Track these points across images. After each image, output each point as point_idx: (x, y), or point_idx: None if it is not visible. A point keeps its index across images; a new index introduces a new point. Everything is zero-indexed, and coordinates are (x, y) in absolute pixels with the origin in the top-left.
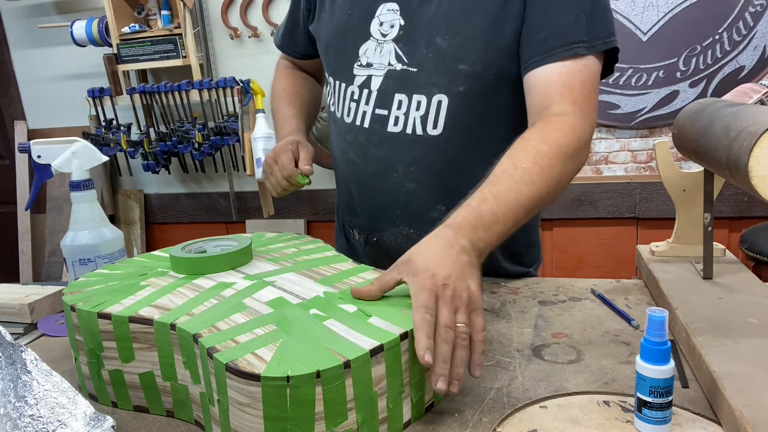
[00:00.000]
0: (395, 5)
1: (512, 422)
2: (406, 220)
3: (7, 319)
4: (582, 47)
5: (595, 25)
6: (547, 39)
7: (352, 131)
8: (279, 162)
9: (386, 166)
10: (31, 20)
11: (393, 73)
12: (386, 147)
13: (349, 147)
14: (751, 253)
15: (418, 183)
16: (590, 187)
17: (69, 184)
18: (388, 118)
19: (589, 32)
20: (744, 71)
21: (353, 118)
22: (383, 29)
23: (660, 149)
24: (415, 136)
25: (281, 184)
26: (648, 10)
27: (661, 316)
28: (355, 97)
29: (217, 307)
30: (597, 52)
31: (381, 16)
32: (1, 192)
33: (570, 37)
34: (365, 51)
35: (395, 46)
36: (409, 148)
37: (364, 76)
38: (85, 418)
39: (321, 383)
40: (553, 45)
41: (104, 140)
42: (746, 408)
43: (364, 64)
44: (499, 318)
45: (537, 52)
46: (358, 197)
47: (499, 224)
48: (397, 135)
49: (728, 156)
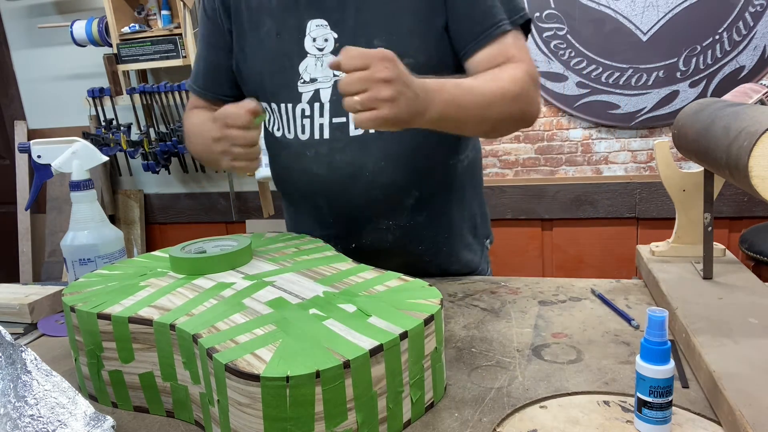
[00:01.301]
0: (322, 21)
1: (512, 422)
2: (384, 214)
3: (7, 319)
4: (506, 24)
5: (507, 3)
6: (475, 25)
7: (312, 146)
8: (228, 119)
9: (356, 169)
10: (31, 20)
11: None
12: (352, 150)
13: (311, 162)
14: (751, 253)
15: (389, 176)
16: (590, 187)
17: (69, 184)
18: (347, 124)
19: (508, 11)
20: (744, 71)
21: (310, 133)
22: (318, 44)
23: (660, 149)
24: (378, 132)
25: (244, 138)
26: (648, 10)
27: (661, 316)
28: (306, 114)
29: (216, 308)
30: (517, 26)
31: (311, 33)
32: (1, 192)
33: (493, 18)
34: (306, 68)
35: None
36: (376, 144)
37: (311, 91)
38: (85, 418)
39: (321, 383)
40: (482, 29)
41: (104, 140)
42: (746, 408)
43: (307, 80)
44: (499, 318)
45: (470, 39)
46: (329, 208)
47: (454, 107)
48: (361, 136)
49: (728, 156)
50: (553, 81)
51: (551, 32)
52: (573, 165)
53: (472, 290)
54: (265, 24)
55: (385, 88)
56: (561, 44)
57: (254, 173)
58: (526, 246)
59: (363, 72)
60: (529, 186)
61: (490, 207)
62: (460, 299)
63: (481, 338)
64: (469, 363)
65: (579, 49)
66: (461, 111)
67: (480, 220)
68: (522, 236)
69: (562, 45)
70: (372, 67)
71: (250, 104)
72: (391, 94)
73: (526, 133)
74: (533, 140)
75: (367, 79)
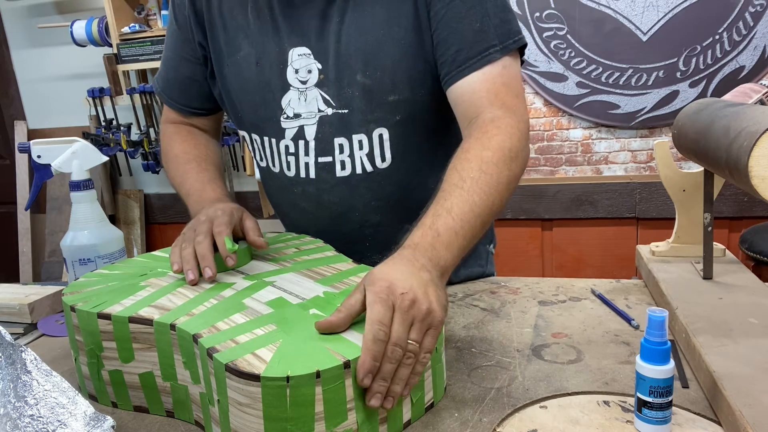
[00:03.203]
0: (305, 49)
1: (512, 422)
2: (375, 249)
3: (7, 319)
4: (495, 52)
5: (501, 26)
6: (459, 51)
7: (299, 183)
8: (215, 223)
9: (345, 209)
10: (31, 20)
11: (326, 119)
12: (340, 191)
13: (298, 198)
14: (751, 253)
15: (381, 214)
16: (590, 187)
17: (69, 184)
18: (334, 164)
19: (498, 35)
20: (744, 71)
21: (296, 171)
22: (300, 76)
23: (660, 149)
24: (367, 173)
25: (205, 252)
26: (648, 10)
27: (661, 316)
28: (291, 151)
29: (216, 308)
30: (510, 51)
31: (294, 63)
32: (1, 192)
33: (481, 44)
34: (288, 102)
35: (319, 92)
36: (365, 185)
37: (295, 127)
38: (85, 418)
39: (321, 383)
40: (467, 56)
41: (104, 140)
42: (746, 408)
43: (291, 115)
44: (499, 318)
45: (454, 66)
46: (320, 238)
47: (458, 239)
48: (347, 178)
49: (728, 156)
50: (553, 81)
51: (551, 32)
52: (573, 165)
53: (472, 290)
54: (242, 48)
55: (422, 325)
56: (561, 44)
57: (254, 173)
58: (526, 246)
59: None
60: (529, 186)
61: None
62: (460, 299)
63: (481, 338)
64: (469, 363)
65: (579, 49)
66: (468, 230)
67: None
68: (522, 236)
69: (562, 45)
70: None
71: (259, 238)
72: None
73: None
74: (533, 140)
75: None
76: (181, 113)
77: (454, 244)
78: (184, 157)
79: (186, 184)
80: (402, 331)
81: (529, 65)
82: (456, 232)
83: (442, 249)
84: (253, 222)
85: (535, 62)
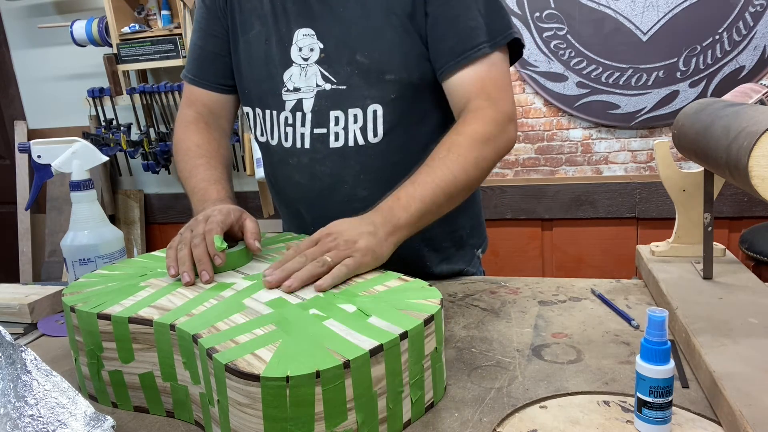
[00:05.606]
0: (310, 30)
1: (512, 422)
2: None
3: (7, 319)
4: (485, 47)
5: (492, 23)
6: (454, 46)
7: (295, 154)
8: (208, 222)
9: (335, 180)
10: (31, 20)
11: (323, 93)
12: (332, 162)
13: (293, 170)
14: (751, 253)
15: (369, 189)
16: (590, 187)
17: (69, 184)
18: (328, 135)
19: (489, 32)
20: (744, 71)
21: (292, 142)
22: (303, 54)
23: (660, 149)
24: (358, 146)
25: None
26: (648, 10)
27: (661, 316)
28: (290, 122)
29: (216, 308)
30: (500, 47)
31: (298, 42)
32: (1, 192)
33: (473, 41)
34: (290, 77)
35: (319, 68)
36: (355, 158)
37: (294, 100)
38: (85, 418)
39: (321, 383)
40: (460, 50)
41: (104, 140)
42: (746, 408)
43: (291, 89)
44: (499, 318)
45: (447, 60)
46: (310, 216)
47: (415, 203)
48: (340, 149)
49: (728, 156)
50: (553, 81)
51: (551, 32)
52: (573, 165)
53: (472, 290)
54: (255, 27)
55: (334, 253)
56: (561, 44)
57: (254, 173)
58: (526, 246)
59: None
60: (529, 186)
61: (491, 207)
62: (460, 299)
63: (481, 338)
64: (469, 363)
65: (579, 49)
66: (428, 197)
67: (468, 232)
68: (522, 236)
69: (562, 45)
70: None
71: (256, 242)
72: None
73: (526, 133)
74: (533, 140)
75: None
76: (206, 88)
77: (412, 206)
78: (196, 151)
79: (192, 180)
80: (314, 250)
81: (529, 65)
82: (414, 197)
83: (399, 210)
84: (253, 224)
85: (535, 62)
